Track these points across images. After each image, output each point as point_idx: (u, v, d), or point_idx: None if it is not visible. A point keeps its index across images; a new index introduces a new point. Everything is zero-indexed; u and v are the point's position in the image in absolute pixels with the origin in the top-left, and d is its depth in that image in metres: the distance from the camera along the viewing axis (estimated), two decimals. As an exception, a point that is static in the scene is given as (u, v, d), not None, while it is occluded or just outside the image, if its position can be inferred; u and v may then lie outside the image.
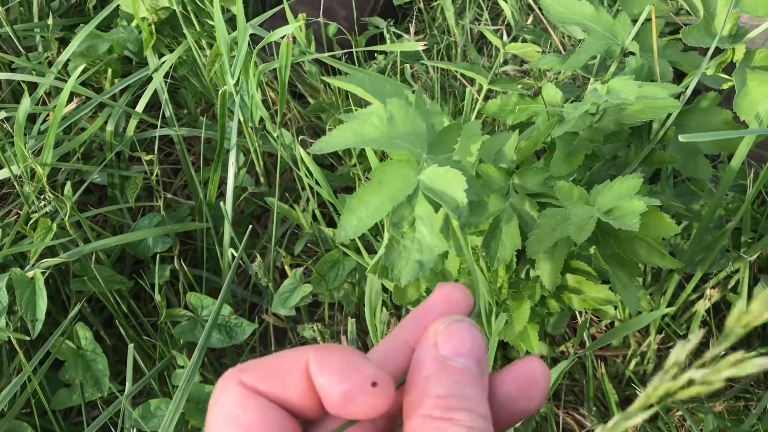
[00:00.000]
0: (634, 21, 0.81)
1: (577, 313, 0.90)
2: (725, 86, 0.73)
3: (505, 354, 0.92)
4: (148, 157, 0.93)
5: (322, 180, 0.79)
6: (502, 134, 0.68)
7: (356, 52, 1.03)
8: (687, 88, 0.66)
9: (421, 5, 1.27)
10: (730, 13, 0.64)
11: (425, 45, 0.85)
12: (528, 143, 0.63)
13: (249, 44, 0.93)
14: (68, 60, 1.01)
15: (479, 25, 1.27)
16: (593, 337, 0.97)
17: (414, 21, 1.28)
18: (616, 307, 0.74)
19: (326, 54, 0.92)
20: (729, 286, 0.89)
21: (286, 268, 0.82)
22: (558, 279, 0.61)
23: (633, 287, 0.63)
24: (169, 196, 1.07)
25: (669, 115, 0.67)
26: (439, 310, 0.32)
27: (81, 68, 0.89)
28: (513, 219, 0.61)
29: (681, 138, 0.52)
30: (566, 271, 0.69)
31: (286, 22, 1.21)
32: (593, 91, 0.58)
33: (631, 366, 0.91)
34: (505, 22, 1.31)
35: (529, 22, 1.07)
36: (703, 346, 0.96)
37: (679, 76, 1.14)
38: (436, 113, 0.50)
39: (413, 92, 0.53)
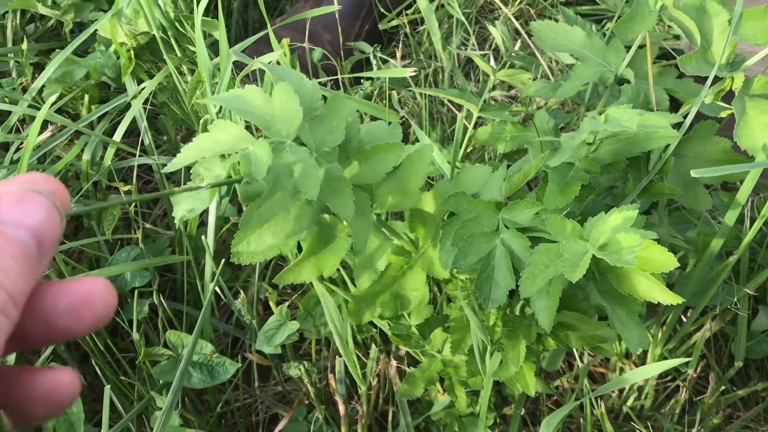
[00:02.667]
0: (627, 47, 0.79)
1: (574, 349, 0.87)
2: (723, 114, 0.71)
3: (499, 391, 0.89)
4: (126, 188, 0.89)
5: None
6: (487, 165, 0.66)
7: (342, 77, 1.00)
8: (686, 118, 0.64)
9: (407, 30, 1.25)
10: (728, 40, 0.62)
11: (414, 72, 0.83)
12: (519, 175, 0.61)
13: (232, 70, 0.90)
14: (43, 86, 0.97)
15: (466, 49, 1.25)
16: (590, 374, 0.94)
17: (400, 45, 1.26)
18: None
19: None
20: (727, 318, 0.86)
21: (271, 304, 0.78)
22: (554, 318, 0.58)
23: (632, 324, 0.60)
24: (148, 226, 1.03)
25: (667, 145, 0.65)
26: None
27: (56, 95, 0.85)
28: (505, 257, 0.58)
29: (693, 173, 0.49)
30: (563, 308, 0.66)
31: (269, 47, 1.18)
32: (591, 120, 0.56)
33: (629, 402, 0.88)
34: (492, 47, 1.29)
35: (516, 47, 1.04)
36: (702, 378, 0.93)
37: (674, 103, 1.12)
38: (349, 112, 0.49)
39: (401, 119, 0.52)
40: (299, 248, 0.89)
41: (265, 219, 0.45)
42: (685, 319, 0.86)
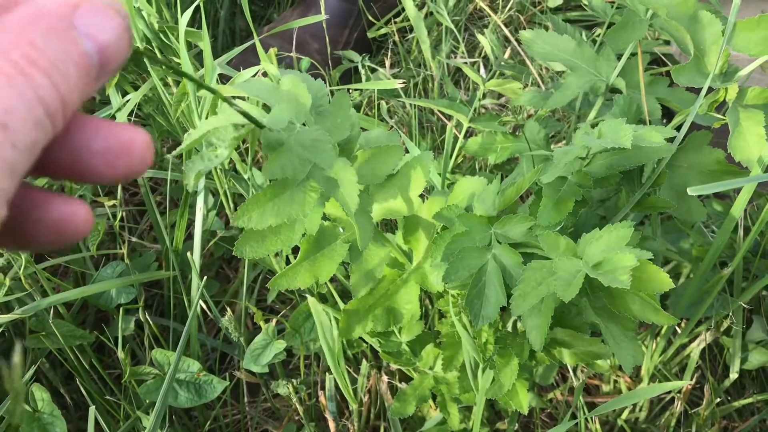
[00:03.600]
0: (618, 55, 0.78)
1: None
2: (717, 125, 0.70)
3: (492, 405, 0.88)
4: (111, 203, 0.88)
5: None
6: (481, 177, 0.64)
7: (330, 89, 0.99)
8: (679, 130, 0.63)
9: (396, 38, 1.24)
10: (722, 51, 0.61)
11: (404, 83, 0.82)
12: (512, 189, 0.59)
13: (217, 82, 0.89)
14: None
15: (455, 57, 1.24)
16: (585, 388, 0.93)
17: (389, 54, 1.24)
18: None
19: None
20: (722, 329, 0.85)
21: (260, 322, 0.76)
22: (547, 336, 0.56)
23: (627, 342, 0.59)
24: (134, 240, 1.01)
25: (660, 159, 0.64)
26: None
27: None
28: (497, 273, 0.57)
29: (690, 191, 0.48)
30: (555, 324, 0.64)
31: (257, 57, 1.17)
32: (584, 135, 0.54)
33: (624, 415, 0.86)
34: (482, 54, 1.28)
35: (506, 55, 1.03)
36: (697, 390, 0.92)
37: (666, 112, 1.11)
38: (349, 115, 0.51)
39: (390, 130, 0.53)
40: (287, 261, 0.88)
41: (273, 194, 0.46)
42: (679, 330, 0.85)
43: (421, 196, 0.61)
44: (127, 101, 0.94)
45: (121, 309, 0.85)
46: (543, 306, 0.54)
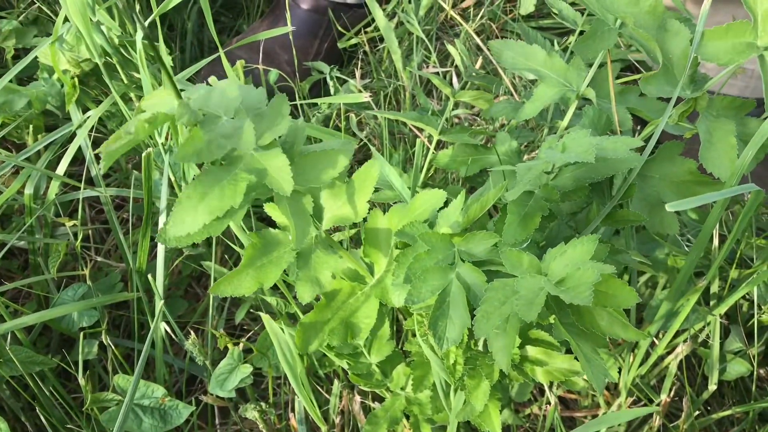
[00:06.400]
0: (589, 65, 0.77)
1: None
2: (688, 135, 0.68)
3: (468, 422, 0.86)
4: (71, 223, 0.85)
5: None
6: (442, 190, 0.62)
7: (299, 99, 0.97)
8: (648, 141, 0.61)
9: (367, 48, 1.22)
10: (690, 60, 0.59)
11: (371, 95, 0.80)
12: (477, 206, 0.57)
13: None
14: (-18, 117, 0.92)
15: (427, 67, 1.22)
16: (561, 399, 0.91)
17: (360, 64, 1.23)
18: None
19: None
20: (699, 339, 0.84)
21: (228, 346, 0.74)
22: (516, 356, 0.55)
23: (597, 360, 0.57)
24: (99, 259, 0.98)
25: (631, 169, 0.62)
26: None
27: (-5, 126, 0.81)
28: (461, 293, 0.55)
29: (668, 207, 0.46)
30: (527, 343, 0.62)
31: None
32: (548, 150, 0.53)
33: (602, 430, 0.84)
34: (455, 64, 1.27)
35: (478, 65, 1.02)
36: (675, 402, 0.91)
37: (638, 120, 1.09)
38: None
39: (360, 143, 0.52)
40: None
41: (202, 191, 0.47)
42: (657, 342, 0.83)
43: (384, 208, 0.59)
44: (88, 117, 0.91)
45: (82, 333, 0.82)
46: (508, 326, 0.52)
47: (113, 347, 0.81)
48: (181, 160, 0.44)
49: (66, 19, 0.90)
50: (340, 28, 1.25)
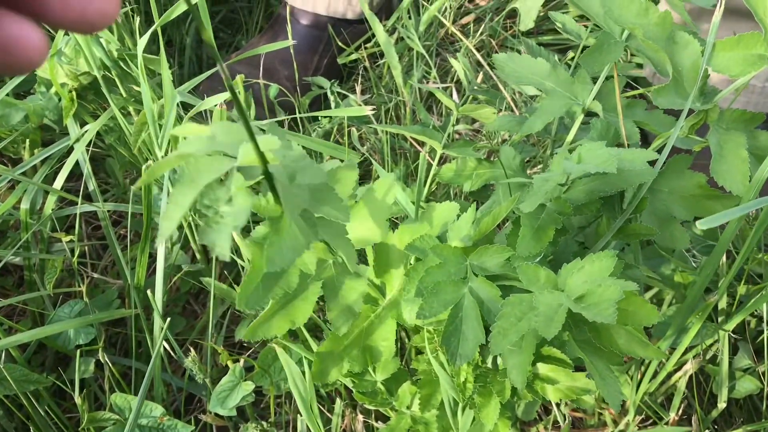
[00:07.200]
0: (593, 79, 0.76)
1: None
2: (697, 148, 0.67)
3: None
4: (67, 238, 0.83)
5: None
6: (454, 203, 0.61)
7: (299, 114, 0.96)
8: (660, 153, 0.60)
9: (367, 64, 1.21)
10: (702, 72, 0.58)
11: (373, 109, 0.79)
12: (489, 219, 0.56)
13: (181, 109, 0.85)
14: (-21, 131, 0.91)
15: (427, 83, 1.22)
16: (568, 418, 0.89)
17: (360, 80, 1.22)
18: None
19: (266, 121, 0.85)
20: (707, 356, 0.83)
21: (228, 363, 0.72)
22: (529, 374, 0.53)
23: (613, 378, 0.56)
24: (96, 276, 0.97)
25: (641, 184, 0.61)
26: None
27: (-9, 140, 0.79)
28: (474, 308, 0.53)
29: (699, 225, 0.44)
30: (538, 360, 0.61)
31: (224, 84, 1.14)
32: (564, 160, 0.52)
33: (610, 450, 0.83)
34: (455, 79, 1.26)
35: (479, 79, 1.01)
36: (684, 421, 0.89)
37: (642, 137, 1.09)
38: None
39: (362, 157, 0.49)
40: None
41: None
42: (664, 360, 0.82)
43: (395, 224, 0.58)
44: (86, 131, 0.90)
45: (78, 350, 0.80)
46: (524, 343, 0.51)
47: (111, 365, 0.79)
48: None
49: (64, 33, 0.89)
50: (340, 44, 1.24)
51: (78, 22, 0.26)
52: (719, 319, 0.80)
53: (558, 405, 0.79)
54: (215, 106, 0.78)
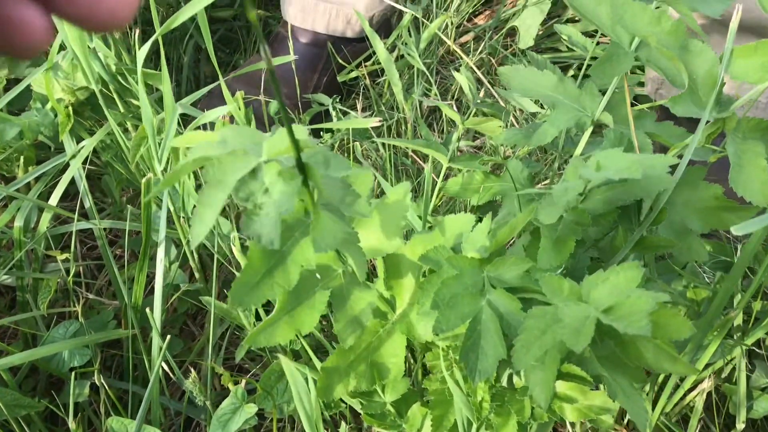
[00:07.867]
0: (601, 92, 0.75)
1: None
2: (713, 159, 0.66)
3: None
4: (63, 257, 0.81)
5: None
6: (467, 215, 0.59)
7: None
8: (681, 161, 0.59)
9: (367, 81, 1.20)
10: (721, 79, 0.57)
11: (380, 121, 0.77)
12: (506, 229, 0.54)
13: (180, 125, 0.83)
14: (-28, 148, 0.89)
15: (428, 100, 1.21)
16: None
17: (360, 98, 1.21)
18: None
19: (269, 134, 0.83)
20: (723, 375, 0.80)
21: (228, 385, 0.69)
22: (552, 392, 0.51)
23: (637, 396, 0.53)
24: (91, 296, 0.94)
25: (659, 193, 0.59)
26: None
27: (-16, 157, 0.77)
28: (493, 321, 0.51)
29: (734, 230, 0.41)
30: (557, 378, 0.59)
31: (222, 101, 1.12)
32: (583, 168, 0.50)
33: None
34: (455, 97, 1.25)
35: (480, 96, 1.00)
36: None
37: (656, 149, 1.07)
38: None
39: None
40: (257, 316, 0.81)
41: None
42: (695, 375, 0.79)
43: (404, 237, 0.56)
44: (82, 147, 0.88)
45: (73, 373, 0.77)
46: (547, 358, 0.48)
47: (107, 388, 0.76)
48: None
49: (61, 48, 0.87)
50: (340, 61, 1.23)
51: (87, 19, 0.25)
52: (735, 336, 0.78)
53: (573, 426, 0.77)
54: (217, 119, 0.76)
